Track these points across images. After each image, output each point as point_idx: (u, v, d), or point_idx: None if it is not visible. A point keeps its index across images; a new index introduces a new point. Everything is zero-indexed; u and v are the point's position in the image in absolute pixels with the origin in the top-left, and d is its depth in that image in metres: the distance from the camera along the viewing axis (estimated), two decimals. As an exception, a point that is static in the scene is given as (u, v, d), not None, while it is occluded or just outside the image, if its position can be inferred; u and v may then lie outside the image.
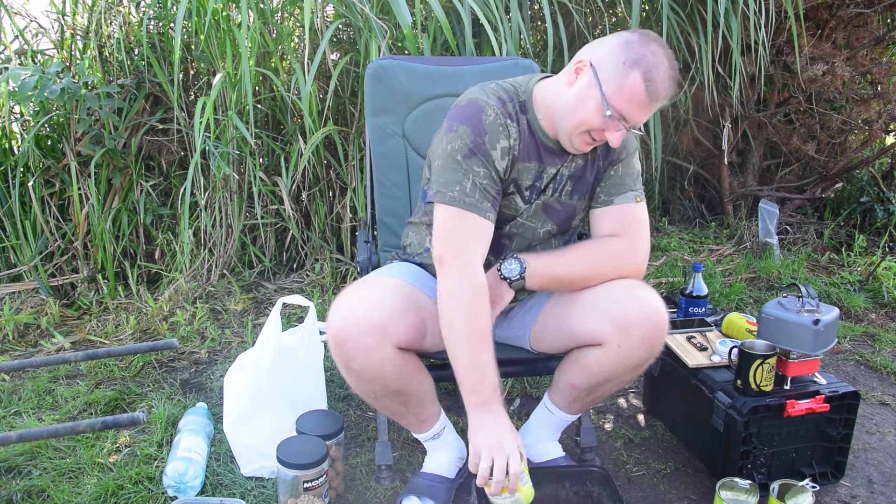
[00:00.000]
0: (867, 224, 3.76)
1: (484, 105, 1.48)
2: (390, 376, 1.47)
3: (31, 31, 3.01)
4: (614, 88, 1.39)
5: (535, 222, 1.61)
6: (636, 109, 1.40)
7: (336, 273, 2.91)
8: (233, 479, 1.75)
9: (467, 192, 1.46)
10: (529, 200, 1.57)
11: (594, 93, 1.41)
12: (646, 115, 1.43)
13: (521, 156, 1.53)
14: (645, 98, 1.38)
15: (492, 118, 1.48)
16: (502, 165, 1.49)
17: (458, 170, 1.46)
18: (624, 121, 1.42)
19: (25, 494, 1.71)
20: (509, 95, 1.53)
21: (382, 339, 1.42)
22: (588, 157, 1.59)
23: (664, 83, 1.39)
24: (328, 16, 2.93)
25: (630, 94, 1.38)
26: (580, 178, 1.60)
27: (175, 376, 2.29)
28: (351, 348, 1.42)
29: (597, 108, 1.41)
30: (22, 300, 2.73)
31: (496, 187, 1.49)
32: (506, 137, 1.49)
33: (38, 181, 2.82)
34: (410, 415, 1.62)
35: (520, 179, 1.55)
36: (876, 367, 2.40)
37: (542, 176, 1.56)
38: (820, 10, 3.20)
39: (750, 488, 1.54)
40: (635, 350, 1.49)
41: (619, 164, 1.60)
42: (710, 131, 3.60)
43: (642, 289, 1.51)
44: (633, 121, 1.42)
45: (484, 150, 1.47)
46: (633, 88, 1.38)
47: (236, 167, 2.85)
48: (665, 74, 1.39)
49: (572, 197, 1.61)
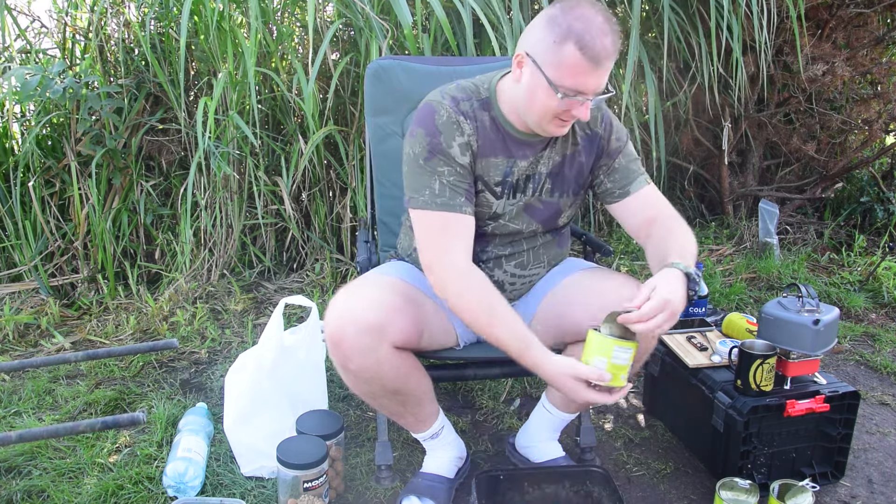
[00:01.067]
0: (867, 224, 3.76)
1: (437, 105, 1.49)
2: (387, 376, 1.47)
3: (33, 30, 3.01)
4: (555, 69, 1.37)
5: (518, 223, 1.60)
6: (585, 79, 1.36)
7: (336, 273, 2.91)
8: (233, 479, 1.75)
9: (437, 193, 1.46)
10: (501, 196, 1.55)
11: (540, 80, 1.39)
12: (601, 79, 1.38)
13: (484, 151, 1.51)
14: (588, 65, 1.34)
15: (444, 117, 1.47)
16: (465, 160, 1.48)
17: (423, 173, 1.47)
18: (581, 94, 1.38)
19: (25, 494, 1.71)
20: (467, 94, 1.52)
21: (379, 338, 1.42)
22: (566, 152, 1.58)
23: (602, 41, 1.33)
24: (329, 16, 2.93)
25: (572, 69, 1.35)
26: (558, 174, 1.59)
27: (175, 376, 2.29)
28: (348, 348, 1.42)
29: (548, 94, 1.38)
30: (22, 300, 2.73)
31: (467, 180, 1.49)
32: (460, 134, 1.48)
33: (39, 181, 2.82)
34: (409, 414, 1.62)
35: (486, 176, 1.53)
36: (876, 367, 2.40)
37: (512, 170, 1.54)
38: (820, 10, 3.20)
39: (750, 488, 1.54)
40: None
41: (619, 156, 1.60)
42: (710, 131, 3.60)
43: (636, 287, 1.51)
44: (589, 90, 1.38)
45: (442, 149, 1.47)
46: (572, 61, 1.34)
47: (236, 167, 2.85)
48: (599, 32, 1.33)
49: (553, 195, 1.60)
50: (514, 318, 1.41)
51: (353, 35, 2.85)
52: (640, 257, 3.25)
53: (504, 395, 2.20)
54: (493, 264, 1.61)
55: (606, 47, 1.34)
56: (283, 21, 3.02)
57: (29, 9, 2.96)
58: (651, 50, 3.08)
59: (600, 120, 1.60)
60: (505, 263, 1.62)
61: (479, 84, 1.55)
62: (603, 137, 1.60)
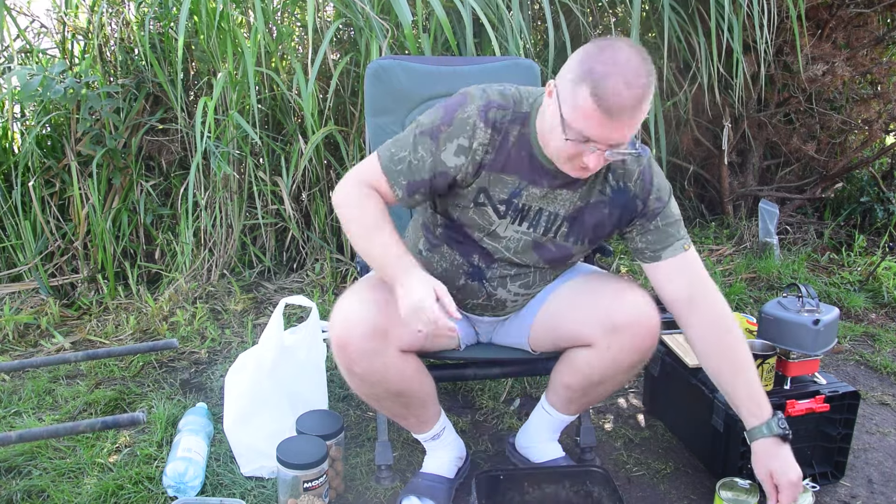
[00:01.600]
0: (867, 224, 3.76)
1: (469, 101, 1.42)
2: (392, 379, 1.47)
3: (32, 30, 3.01)
4: (569, 109, 1.28)
5: (525, 258, 1.54)
6: (598, 128, 1.26)
7: (336, 273, 2.91)
8: (233, 479, 1.75)
9: (397, 159, 1.45)
10: (505, 216, 1.48)
11: (557, 116, 1.31)
12: (617, 132, 1.27)
13: (496, 166, 1.43)
14: (600, 115, 1.24)
15: (465, 115, 1.41)
16: (452, 162, 1.42)
17: (409, 139, 1.45)
18: (591, 142, 1.28)
19: (25, 494, 1.71)
20: (507, 102, 1.43)
21: (385, 342, 1.42)
22: (590, 199, 1.49)
23: (620, 93, 1.22)
24: (328, 16, 2.93)
25: (583, 114, 1.25)
26: (576, 219, 1.50)
27: (175, 376, 2.29)
28: (354, 352, 1.42)
29: (560, 132, 1.31)
30: (22, 300, 2.73)
31: (424, 175, 1.44)
32: (467, 137, 1.40)
33: (39, 181, 2.82)
34: (411, 416, 1.62)
35: (492, 190, 1.45)
36: (876, 367, 2.40)
37: (521, 193, 1.46)
38: (820, 10, 3.20)
39: (750, 488, 1.54)
40: (625, 353, 1.49)
41: (658, 218, 1.50)
42: (710, 131, 3.60)
43: (633, 291, 1.51)
44: (601, 140, 1.28)
45: (438, 138, 1.42)
46: (584, 106, 1.25)
47: (236, 167, 2.85)
48: (621, 82, 1.22)
49: (567, 239, 1.52)
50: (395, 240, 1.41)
51: (353, 35, 2.85)
52: (640, 257, 3.25)
53: (504, 395, 2.20)
54: (497, 283, 1.57)
55: (623, 100, 1.23)
56: (282, 21, 3.02)
57: (28, 8, 2.96)
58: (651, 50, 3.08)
59: (638, 176, 1.48)
60: (510, 283, 1.58)
61: (525, 97, 1.46)
62: (638, 197, 1.49)
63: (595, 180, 1.48)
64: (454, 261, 1.57)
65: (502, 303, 1.61)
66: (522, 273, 1.57)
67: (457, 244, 1.56)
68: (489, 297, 1.60)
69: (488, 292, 1.59)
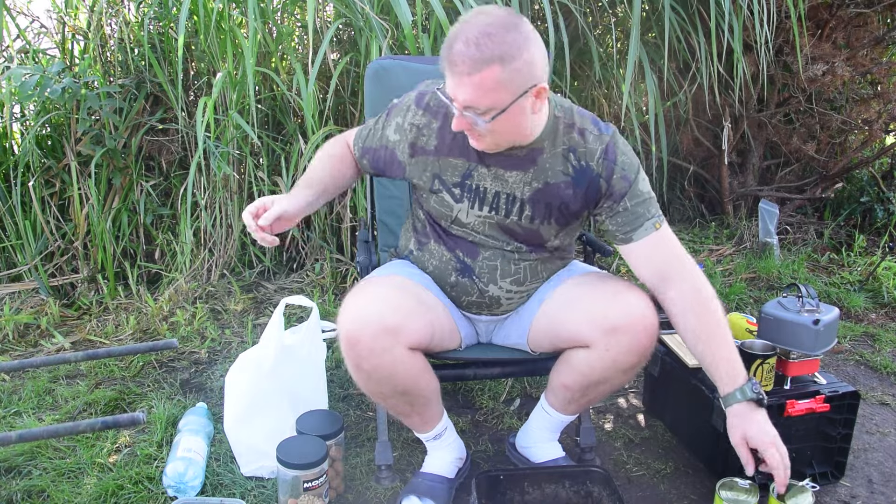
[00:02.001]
0: (867, 224, 3.76)
1: (413, 91, 1.59)
2: (400, 376, 1.47)
3: (32, 30, 3.01)
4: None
5: (497, 241, 1.57)
6: (449, 80, 1.34)
7: (336, 273, 2.91)
8: (233, 479, 1.75)
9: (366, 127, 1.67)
10: (461, 199, 1.53)
11: None
12: (460, 89, 1.32)
13: (443, 149, 1.53)
14: (446, 65, 1.32)
15: (406, 98, 1.59)
16: (393, 136, 1.59)
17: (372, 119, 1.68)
18: (449, 98, 1.36)
19: (25, 494, 1.71)
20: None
21: (395, 339, 1.42)
22: (548, 180, 1.50)
23: (460, 47, 1.28)
24: (328, 16, 2.93)
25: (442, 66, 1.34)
26: (538, 201, 1.51)
27: (175, 376, 2.29)
28: (364, 349, 1.42)
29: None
30: (22, 300, 2.73)
31: (373, 143, 1.64)
32: (402, 117, 1.57)
33: (39, 181, 2.82)
34: (415, 414, 1.62)
35: (444, 175, 1.54)
36: (876, 367, 2.40)
37: (471, 174, 1.51)
38: (820, 10, 3.20)
39: (750, 488, 1.54)
40: (623, 355, 1.49)
41: (625, 199, 1.50)
42: (710, 131, 3.60)
43: (630, 292, 1.51)
44: (453, 97, 1.34)
45: (389, 114, 1.62)
46: (441, 59, 1.34)
47: (236, 167, 2.85)
48: (463, 36, 1.28)
49: (532, 221, 1.53)
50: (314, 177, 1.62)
51: (353, 35, 2.85)
52: (640, 257, 3.24)
53: (504, 395, 2.20)
54: (487, 279, 1.59)
55: (460, 54, 1.28)
56: (282, 21, 3.02)
57: (28, 8, 2.96)
58: (651, 50, 3.09)
59: (600, 155, 1.49)
60: (500, 280, 1.59)
61: None
62: (602, 176, 1.49)
63: (550, 161, 1.49)
64: (442, 256, 1.61)
65: (496, 300, 1.62)
66: (512, 269, 1.59)
67: (440, 239, 1.61)
68: (482, 294, 1.61)
69: (480, 289, 1.60)
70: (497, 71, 1.28)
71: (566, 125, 1.49)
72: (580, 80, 3.32)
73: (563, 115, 1.50)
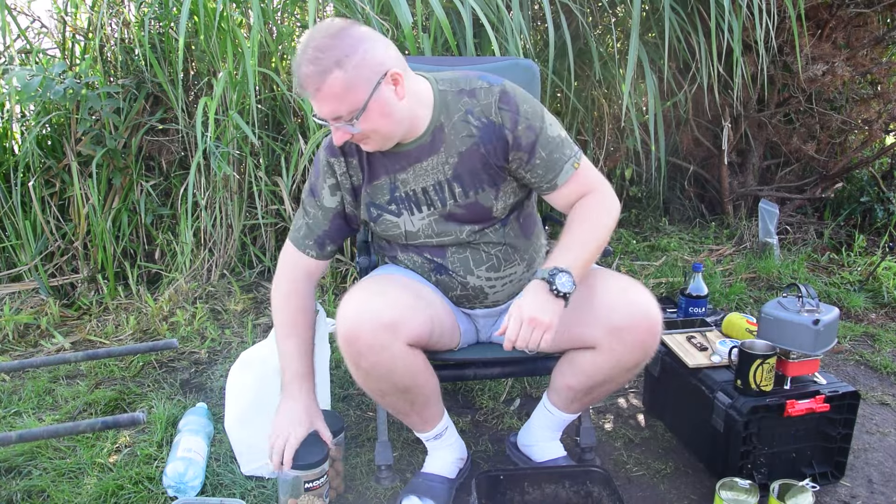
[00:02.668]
0: (867, 224, 3.76)
1: (320, 150, 1.59)
2: (399, 373, 1.47)
3: (33, 30, 3.01)
4: None
5: (448, 236, 1.57)
6: (313, 107, 1.40)
7: (336, 273, 2.91)
8: (233, 479, 1.75)
9: (297, 228, 1.64)
10: (400, 213, 1.56)
11: None
12: (319, 106, 1.38)
13: (367, 178, 1.56)
14: (301, 91, 1.38)
15: (321, 162, 1.58)
16: (332, 202, 1.59)
17: (301, 210, 1.64)
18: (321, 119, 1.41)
19: (25, 494, 1.71)
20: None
21: (394, 335, 1.43)
22: (461, 149, 1.50)
23: (300, 73, 1.35)
24: (329, 16, 2.93)
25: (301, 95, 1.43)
26: (460, 174, 1.52)
27: (175, 376, 2.29)
28: (363, 345, 1.42)
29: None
30: (22, 300, 2.74)
31: (323, 227, 1.61)
32: (331, 175, 1.57)
33: (39, 181, 2.82)
34: (415, 413, 1.62)
35: (376, 200, 1.57)
36: (876, 367, 2.40)
37: (396, 185, 1.54)
38: (820, 10, 3.20)
39: (750, 488, 1.54)
40: (629, 353, 1.49)
41: (537, 148, 1.49)
42: (710, 131, 3.60)
43: (635, 290, 1.50)
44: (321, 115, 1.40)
45: (316, 192, 1.60)
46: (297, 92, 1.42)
47: (237, 167, 2.85)
48: (300, 62, 1.35)
49: (467, 195, 1.53)
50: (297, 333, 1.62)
51: (353, 35, 2.84)
52: (640, 257, 3.25)
53: (504, 395, 2.20)
54: (463, 272, 1.60)
55: (302, 78, 1.35)
56: (283, 21, 3.02)
57: (29, 8, 2.96)
58: (651, 50, 3.09)
59: (497, 106, 1.48)
60: (475, 269, 1.60)
61: None
62: (506, 127, 1.48)
63: (453, 132, 1.50)
64: (415, 261, 1.63)
65: (481, 290, 1.62)
66: (481, 257, 1.59)
67: (408, 250, 1.63)
68: (464, 287, 1.61)
69: (460, 282, 1.61)
70: (339, 75, 1.34)
71: (454, 93, 1.51)
72: (580, 80, 3.32)
73: (448, 86, 1.52)
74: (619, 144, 3.50)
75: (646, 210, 3.76)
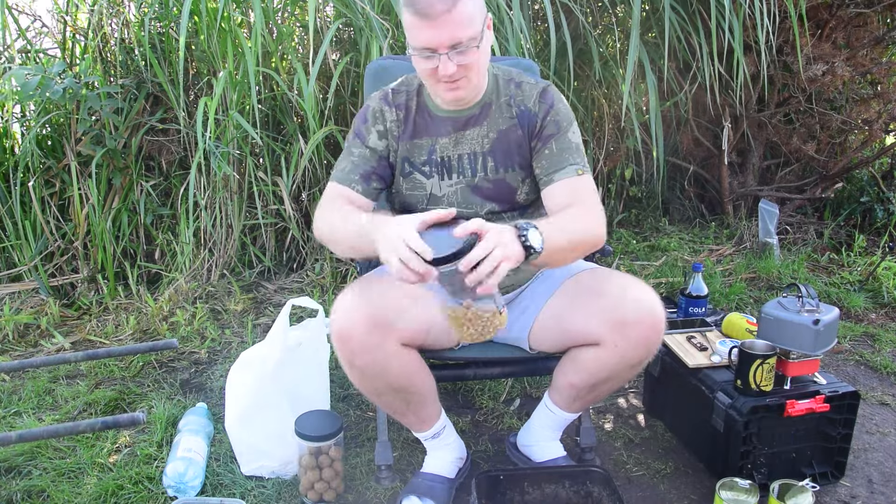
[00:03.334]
0: (867, 224, 3.76)
1: (370, 99, 1.65)
2: (393, 372, 1.47)
3: (33, 30, 3.01)
4: (406, 32, 1.45)
5: (470, 206, 1.61)
6: (424, 35, 1.41)
7: (336, 273, 2.91)
8: (233, 479, 1.75)
9: (341, 168, 1.62)
10: (431, 175, 1.61)
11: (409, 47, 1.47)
12: (441, 32, 1.40)
13: (409, 134, 1.61)
14: (420, 21, 1.39)
15: (371, 108, 1.63)
16: (380, 145, 1.61)
17: (343, 155, 1.64)
18: (429, 50, 1.42)
19: (25, 494, 1.71)
20: (405, 85, 1.65)
21: (387, 334, 1.43)
22: (500, 127, 1.59)
23: None
24: (329, 16, 2.93)
25: (410, 28, 1.42)
26: (496, 150, 1.60)
27: (175, 376, 2.29)
28: (356, 344, 1.42)
29: (414, 58, 1.47)
30: (22, 300, 2.73)
31: (369, 164, 1.60)
32: (381, 122, 1.61)
33: (39, 181, 2.82)
34: (411, 413, 1.62)
35: (412, 157, 1.62)
36: (876, 367, 2.40)
37: (435, 148, 1.61)
38: (820, 10, 3.20)
39: (750, 488, 1.54)
40: (632, 349, 1.49)
41: (552, 142, 1.57)
42: (710, 131, 3.60)
43: (639, 288, 1.50)
44: (434, 45, 1.41)
45: (362, 135, 1.62)
46: (408, 21, 1.42)
47: (236, 167, 2.85)
48: None
49: (497, 171, 1.60)
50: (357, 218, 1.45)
51: (354, 35, 2.85)
52: (640, 257, 3.25)
53: (504, 395, 2.20)
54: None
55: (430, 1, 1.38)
56: (283, 21, 3.02)
57: (31, 7, 2.96)
58: (651, 50, 3.08)
59: (538, 98, 1.60)
60: None
61: (416, 76, 1.61)
62: (537, 115, 1.59)
63: (497, 111, 1.60)
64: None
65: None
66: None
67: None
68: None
69: None
70: (468, 1, 1.41)
71: (505, 80, 1.63)
72: (580, 79, 3.32)
73: (500, 73, 1.65)
74: (619, 144, 3.50)
75: (646, 210, 3.76)
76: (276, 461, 1.75)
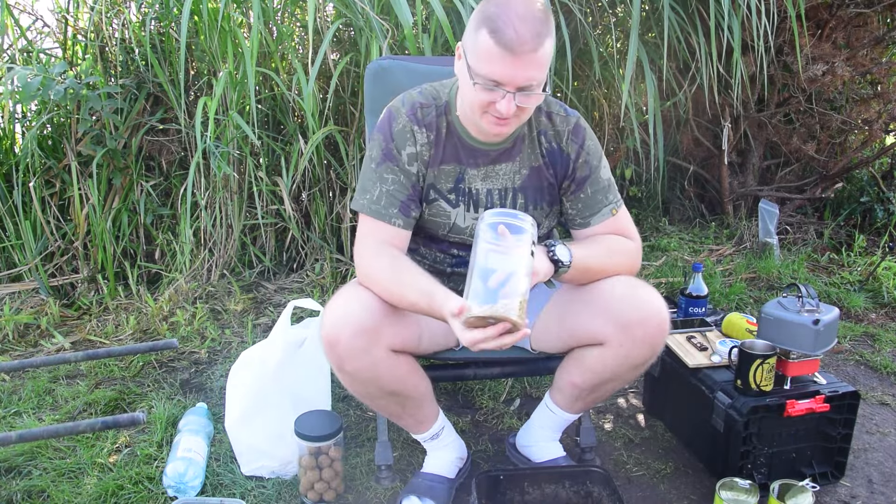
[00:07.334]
0: (867, 224, 3.76)
1: (396, 113, 1.51)
2: (384, 378, 1.47)
3: (34, 30, 3.01)
4: (473, 55, 1.34)
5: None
6: (500, 68, 1.30)
7: (336, 273, 2.91)
8: (233, 479, 1.76)
9: (374, 200, 1.50)
10: (457, 204, 1.55)
11: (465, 70, 1.37)
12: (520, 70, 1.31)
13: (437, 160, 1.52)
14: (500, 52, 1.29)
15: (400, 125, 1.50)
16: (412, 170, 1.51)
17: (371, 176, 1.51)
18: (497, 84, 1.33)
19: (25, 494, 1.71)
20: (429, 100, 1.53)
21: (374, 340, 1.42)
22: (532, 164, 1.55)
23: (517, 28, 1.27)
24: (329, 16, 2.93)
25: (485, 55, 1.31)
26: (529, 188, 1.56)
27: (175, 376, 2.29)
28: (343, 350, 1.42)
29: (470, 83, 1.36)
30: (22, 300, 2.73)
31: (407, 192, 1.51)
32: (412, 144, 1.50)
33: (39, 181, 2.82)
34: (407, 415, 1.62)
35: (438, 184, 1.53)
36: (876, 367, 2.40)
37: (463, 177, 1.53)
38: (820, 10, 3.20)
39: (750, 488, 1.54)
40: (637, 349, 1.49)
41: (586, 185, 1.56)
42: (710, 131, 3.60)
43: (643, 288, 1.50)
44: (506, 82, 1.32)
45: (393, 157, 1.50)
46: (485, 48, 1.30)
47: (236, 167, 2.85)
48: (515, 17, 1.28)
49: (527, 209, 1.57)
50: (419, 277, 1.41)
51: (353, 35, 2.85)
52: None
53: (504, 395, 2.20)
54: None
55: (521, 35, 1.27)
56: (283, 21, 3.02)
57: (32, 7, 2.96)
58: (651, 50, 3.08)
59: (568, 137, 1.55)
60: None
61: (441, 88, 1.56)
62: (570, 157, 1.55)
63: (530, 146, 1.55)
64: (436, 257, 1.64)
65: None
66: None
67: (433, 245, 1.63)
68: None
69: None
70: (550, 45, 1.34)
71: (536, 110, 1.52)
72: (580, 80, 3.32)
73: None
74: (618, 144, 3.50)
75: (646, 210, 3.76)
76: (276, 461, 1.75)
